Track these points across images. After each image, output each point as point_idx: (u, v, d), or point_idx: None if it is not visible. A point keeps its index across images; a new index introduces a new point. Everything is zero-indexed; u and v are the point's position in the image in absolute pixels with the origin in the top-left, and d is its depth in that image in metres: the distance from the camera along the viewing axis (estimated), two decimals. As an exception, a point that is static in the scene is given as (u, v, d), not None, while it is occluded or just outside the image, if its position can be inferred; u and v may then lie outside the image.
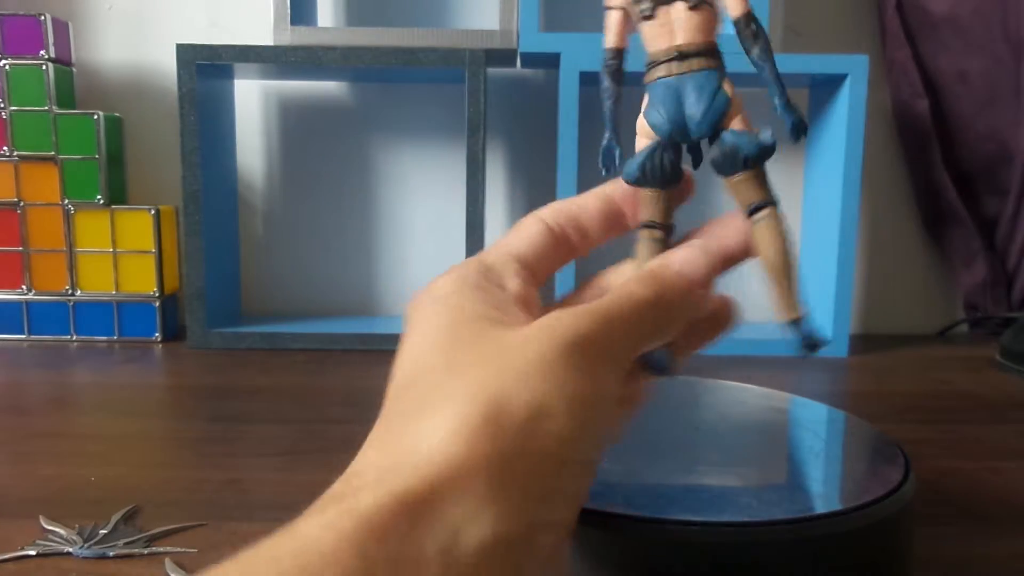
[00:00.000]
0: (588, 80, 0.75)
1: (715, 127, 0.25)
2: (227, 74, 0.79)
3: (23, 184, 0.76)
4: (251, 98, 0.86)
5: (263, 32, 0.82)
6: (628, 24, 0.26)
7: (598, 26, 0.27)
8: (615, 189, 0.27)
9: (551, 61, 0.75)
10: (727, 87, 0.25)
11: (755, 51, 0.25)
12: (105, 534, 0.35)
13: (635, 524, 0.26)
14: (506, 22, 0.74)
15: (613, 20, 0.26)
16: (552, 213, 0.27)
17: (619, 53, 0.26)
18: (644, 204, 0.27)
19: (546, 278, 0.27)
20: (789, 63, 0.72)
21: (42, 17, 0.74)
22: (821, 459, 0.34)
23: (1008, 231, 0.84)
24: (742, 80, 0.28)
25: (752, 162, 0.25)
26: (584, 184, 0.80)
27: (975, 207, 0.85)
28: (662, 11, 0.25)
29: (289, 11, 0.74)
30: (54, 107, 0.75)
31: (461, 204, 0.79)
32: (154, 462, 0.45)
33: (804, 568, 0.26)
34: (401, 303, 0.88)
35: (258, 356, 0.72)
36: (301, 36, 0.74)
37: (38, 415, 0.54)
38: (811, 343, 0.26)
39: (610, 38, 0.26)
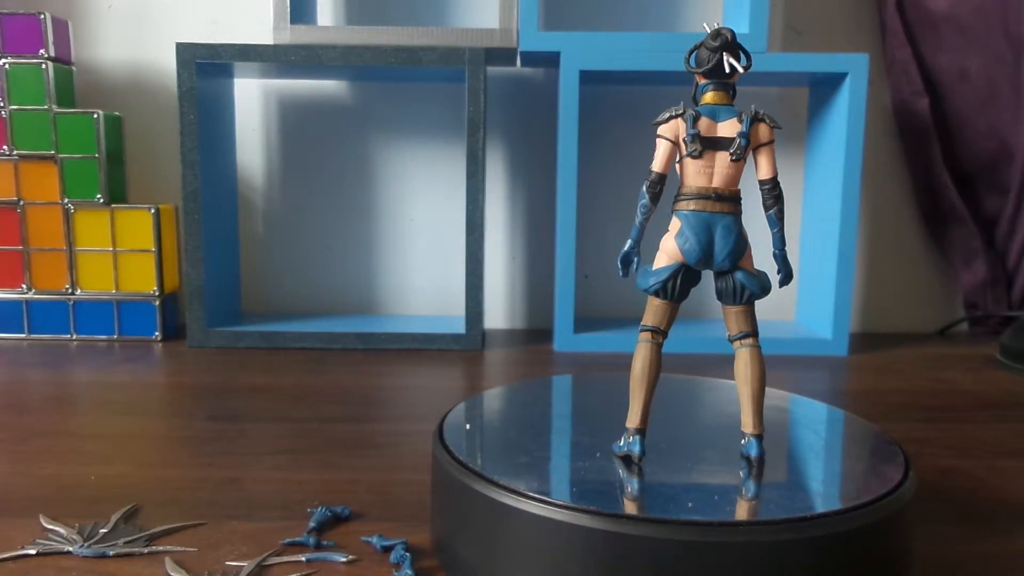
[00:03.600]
0: (588, 79, 0.75)
1: (734, 264, 0.30)
2: (227, 73, 0.79)
3: (23, 183, 0.76)
4: (251, 97, 0.86)
5: (263, 31, 0.82)
6: (674, 155, 0.30)
7: (598, 25, 0.28)
8: None
9: (551, 60, 0.75)
10: (744, 233, 0.30)
11: (773, 210, 0.30)
12: (105, 533, 0.35)
13: (635, 524, 0.26)
14: (506, 21, 0.74)
15: (663, 150, 0.30)
16: None
17: (663, 178, 0.30)
18: (653, 311, 0.31)
19: None
20: (789, 62, 0.72)
21: (42, 16, 0.74)
22: (821, 458, 0.34)
23: (1008, 230, 0.84)
24: (752, 78, 0.28)
25: (752, 298, 0.30)
26: (584, 182, 0.80)
27: (975, 206, 0.85)
28: (708, 154, 0.29)
29: (289, 10, 0.74)
30: (54, 106, 0.75)
31: (461, 203, 0.79)
32: (154, 461, 0.45)
33: (804, 568, 0.26)
34: (401, 302, 0.88)
35: (258, 355, 0.72)
36: (301, 35, 0.74)
37: (38, 414, 0.54)
38: (760, 459, 0.31)
39: (658, 165, 0.30)
